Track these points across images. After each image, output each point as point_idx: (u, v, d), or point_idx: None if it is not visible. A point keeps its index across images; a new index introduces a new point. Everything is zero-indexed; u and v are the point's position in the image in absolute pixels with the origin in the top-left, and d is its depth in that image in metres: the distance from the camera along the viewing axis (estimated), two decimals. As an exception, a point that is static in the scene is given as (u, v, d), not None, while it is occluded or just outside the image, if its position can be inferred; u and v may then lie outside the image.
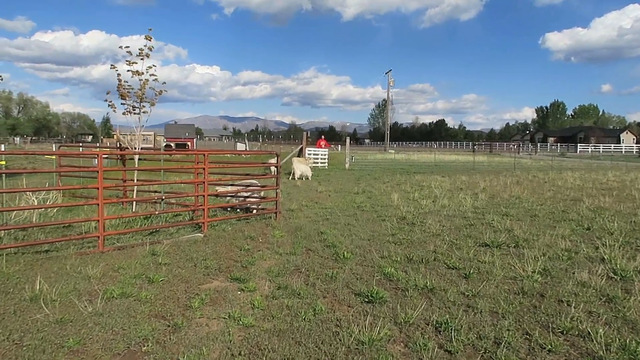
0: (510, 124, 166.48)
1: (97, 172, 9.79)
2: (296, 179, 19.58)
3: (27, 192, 8.94)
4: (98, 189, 6.82)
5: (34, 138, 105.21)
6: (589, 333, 4.05)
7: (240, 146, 44.89)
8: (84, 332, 4.05)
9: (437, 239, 7.94)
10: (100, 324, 4.19)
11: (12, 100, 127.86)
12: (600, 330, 4.06)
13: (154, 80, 8.81)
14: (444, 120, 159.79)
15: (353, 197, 13.66)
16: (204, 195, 8.29)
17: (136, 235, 7.85)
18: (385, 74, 65.94)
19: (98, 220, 6.83)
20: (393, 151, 58.43)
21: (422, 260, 6.52)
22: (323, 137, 30.67)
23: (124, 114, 8.94)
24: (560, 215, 10.49)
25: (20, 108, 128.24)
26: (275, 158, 9.57)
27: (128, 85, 8.77)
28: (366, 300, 4.94)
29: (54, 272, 5.73)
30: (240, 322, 4.32)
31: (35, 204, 9.13)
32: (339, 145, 68.43)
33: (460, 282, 5.55)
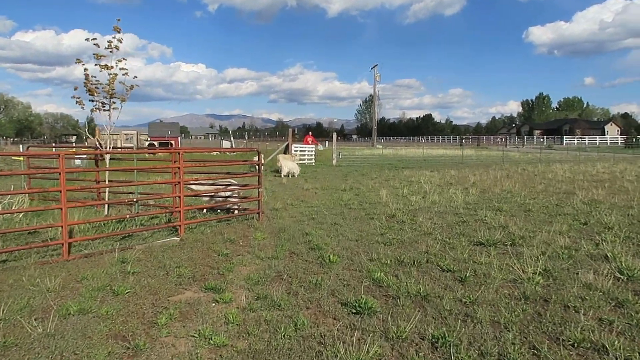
0: (497, 118, 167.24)
1: (74, 173, 9.21)
2: (282, 176, 19.06)
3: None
4: (60, 192, 6.23)
5: (15, 139, 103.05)
6: (604, 346, 3.60)
7: (226, 144, 44.11)
8: (28, 358, 3.51)
9: (429, 238, 7.48)
10: (48, 348, 3.65)
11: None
12: (616, 341, 3.62)
13: (124, 74, 8.23)
14: (430, 115, 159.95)
15: (340, 194, 13.18)
16: (179, 197, 7.74)
17: (107, 240, 7.29)
18: (372, 69, 65.63)
19: (61, 227, 6.25)
20: (381, 146, 58.11)
21: (413, 262, 6.06)
22: (310, 133, 30.17)
23: (92, 110, 8.35)
24: (555, 209, 10.11)
25: (1, 109, 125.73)
26: (257, 155, 9.04)
27: (96, 81, 8.17)
28: (354, 311, 4.45)
29: (9, 286, 5.16)
30: (212, 342, 3.81)
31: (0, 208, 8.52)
32: (327, 142, 67.88)
33: (456, 287, 5.09)
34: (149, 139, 44.58)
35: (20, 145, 28.82)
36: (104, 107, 8.31)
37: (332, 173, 21.14)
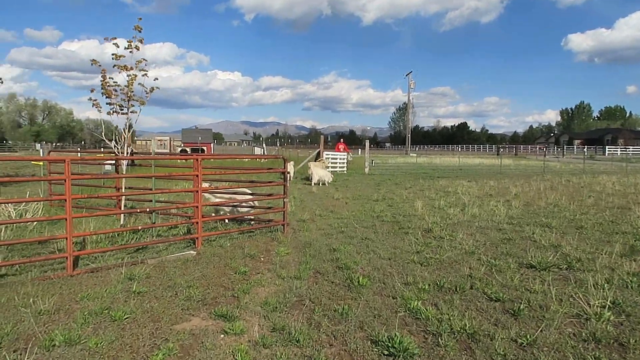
0: (534, 127, 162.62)
1: (106, 179, 8.77)
2: (312, 184, 18.42)
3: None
4: (66, 200, 5.73)
5: (57, 144, 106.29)
6: None
7: (258, 151, 43.98)
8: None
9: (472, 258, 6.65)
10: (19, 392, 3.07)
11: (37, 107, 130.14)
12: None
13: (143, 75, 7.76)
14: (466, 123, 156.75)
15: (372, 205, 12.42)
16: (197, 206, 7.16)
17: (120, 253, 6.76)
18: (406, 75, 64.52)
19: (66, 238, 5.75)
20: (415, 154, 56.85)
21: (455, 288, 5.26)
22: (342, 140, 29.46)
23: (109, 114, 7.90)
24: (611, 226, 9.06)
25: (45, 115, 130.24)
26: (283, 163, 8.41)
27: (114, 82, 7.74)
28: (386, 352, 3.71)
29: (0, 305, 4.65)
30: (213, 389, 3.14)
31: (13, 216, 8.15)
32: (359, 149, 67.09)
33: (509, 323, 4.28)
34: (182, 145, 44.83)
35: (40, 150, 29.13)
36: (122, 110, 7.87)
37: (364, 182, 20.35)
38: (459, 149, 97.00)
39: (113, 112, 7.88)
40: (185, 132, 50.43)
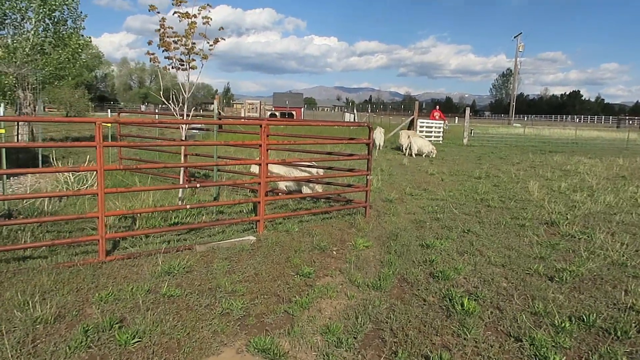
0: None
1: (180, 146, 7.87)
2: (410, 155, 16.63)
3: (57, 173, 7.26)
4: (97, 171, 4.68)
5: (163, 106, 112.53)
6: None
7: (348, 117, 42.41)
8: None
9: (623, 273, 4.74)
10: None
11: (145, 71, 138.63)
12: None
13: (204, 23, 6.52)
14: (578, 91, 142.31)
15: (474, 183, 10.49)
16: (259, 183, 5.88)
17: (167, 235, 5.70)
18: (514, 37, 58.86)
19: (97, 217, 4.73)
20: (518, 125, 52.07)
21: (612, 329, 3.49)
22: (438, 107, 27.00)
23: (165, 69, 6.82)
24: None
25: (152, 78, 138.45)
26: (368, 132, 6.85)
27: (173, 32, 6.59)
28: None
29: None
30: None
31: (71, 184, 7.46)
32: (456, 118, 62.99)
33: None
34: (273, 109, 44.42)
35: (108, 111, 29.64)
36: (182, 65, 6.75)
37: (463, 154, 18.13)
38: (570, 120, 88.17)
39: (171, 67, 6.78)
40: (276, 95, 50.04)
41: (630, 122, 71.67)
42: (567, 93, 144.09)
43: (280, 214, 6.52)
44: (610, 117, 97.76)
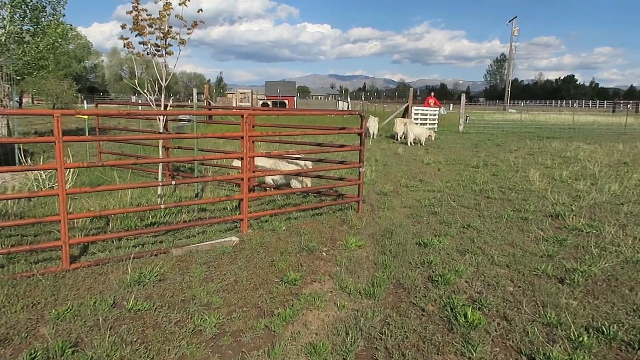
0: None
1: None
2: (409, 144, 16.12)
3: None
4: (57, 169, 4.21)
5: (155, 97, 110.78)
6: None
7: (342, 105, 41.79)
8: None
9: (640, 273, 4.33)
10: None
11: (136, 61, 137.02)
12: None
13: (181, 4, 5.98)
14: (573, 76, 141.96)
15: (472, 173, 10.07)
16: (242, 179, 5.41)
17: (142, 237, 5.24)
18: (509, 22, 58.10)
19: (60, 220, 4.25)
20: (514, 111, 51.64)
21: (637, 343, 3.08)
22: (433, 94, 26.49)
23: (138, 55, 6.30)
24: None
25: (143, 68, 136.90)
26: (360, 121, 6.37)
27: (148, 15, 6.05)
28: None
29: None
30: None
31: (42, 183, 6.95)
32: (450, 104, 62.41)
33: None
34: (265, 98, 43.60)
35: (85, 103, 28.88)
36: (158, 50, 6.24)
37: (459, 142, 17.68)
38: (565, 105, 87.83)
39: (146, 53, 6.28)
40: (269, 84, 49.21)
41: (625, 106, 71.34)
42: (562, 78, 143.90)
43: (266, 212, 6.06)
44: (605, 101, 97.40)
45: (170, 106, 6.83)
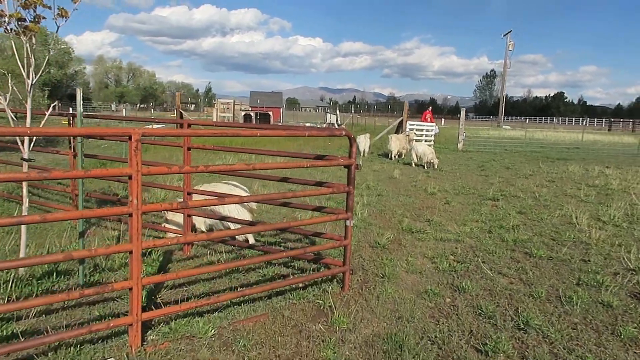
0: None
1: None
2: (413, 165, 13.61)
3: None
4: None
5: (141, 106, 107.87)
6: None
7: (331, 118, 39.44)
8: None
9: None
10: None
11: (122, 69, 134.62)
12: None
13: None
14: (562, 93, 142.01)
15: (492, 209, 7.76)
16: (130, 251, 2.98)
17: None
18: (504, 35, 56.93)
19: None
20: (508, 127, 49.90)
21: None
22: (430, 108, 24.40)
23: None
24: None
25: (130, 77, 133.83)
26: (349, 144, 4.01)
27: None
28: None
29: None
30: None
31: None
32: (442, 119, 60.55)
33: None
34: (249, 109, 40.90)
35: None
36: (21, 25, 3.86)
37: (462, 162, 15.42)
38: (556, 122, 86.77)
39: (8, 30, 3.90)
40: (253, 95, 46.71)
41: (623, 124, 69.94)
42: (551, 95, 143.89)
43: (179, 308, 3.47)
44: (595, 119, 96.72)
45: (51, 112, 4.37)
